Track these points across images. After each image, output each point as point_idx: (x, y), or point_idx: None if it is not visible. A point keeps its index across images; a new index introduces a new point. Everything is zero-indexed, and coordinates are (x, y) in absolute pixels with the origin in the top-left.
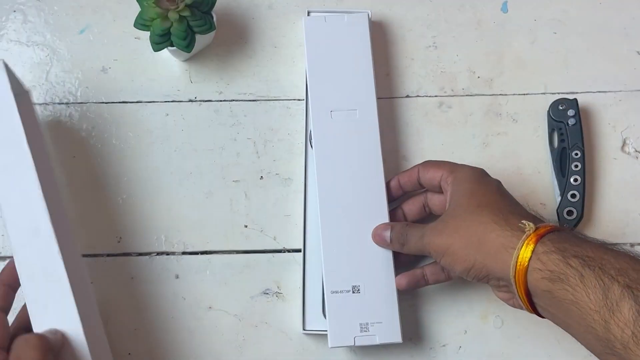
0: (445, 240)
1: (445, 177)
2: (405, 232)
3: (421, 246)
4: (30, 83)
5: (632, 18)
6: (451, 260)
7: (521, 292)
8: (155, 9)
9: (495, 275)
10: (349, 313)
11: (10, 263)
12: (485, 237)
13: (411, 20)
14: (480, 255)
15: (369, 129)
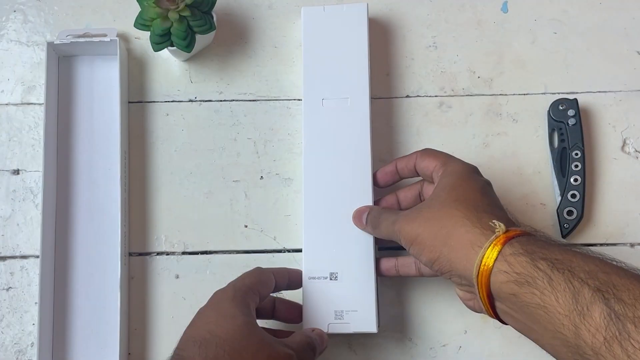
0: (415, 228)
1: (437, 168)
2: (379, 215)
3: (392, 231)
4: (30, 83)
5: (632, 18)
6: (418, 250)
7: (483, 294)
8: (155, 9)
9: (458, 272)
10: (325, 300)
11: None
12: (454, 231)
13: (411, 20)
14: (446, 249)
15: (360, 119)
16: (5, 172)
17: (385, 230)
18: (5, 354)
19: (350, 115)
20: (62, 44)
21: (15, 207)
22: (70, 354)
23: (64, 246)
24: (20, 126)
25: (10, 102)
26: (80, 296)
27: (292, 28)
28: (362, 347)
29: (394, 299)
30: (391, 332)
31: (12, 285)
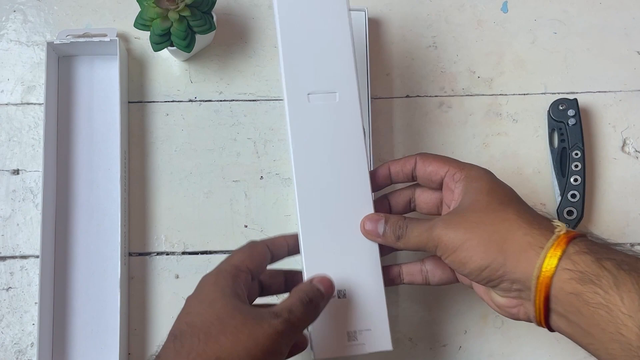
0: (462, 234)
1: (453, 173)
2: (405, 225)
3: (426, 240)
4: (30, 83)
5: (632, 18)
6: (465, 257)
7: (540, 296)
8: (155, 9)
9: (512, 276)
10: (336, 322)
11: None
12: (510, 234)
13: (411, 20)
14: (501, 254)
15: (351, 114)
16: (5, 172)
17: (415, 240)
18: (5, 354)
19: (339, 110)
20: (62, 44)
21: (15, 207)
22: (70, 354)
23: (63, 246)
24: (20, 126)
25: (10, 102)
26: (80, 296)
27: None
28: None
29: (394, 299)
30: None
31: (12, 285)
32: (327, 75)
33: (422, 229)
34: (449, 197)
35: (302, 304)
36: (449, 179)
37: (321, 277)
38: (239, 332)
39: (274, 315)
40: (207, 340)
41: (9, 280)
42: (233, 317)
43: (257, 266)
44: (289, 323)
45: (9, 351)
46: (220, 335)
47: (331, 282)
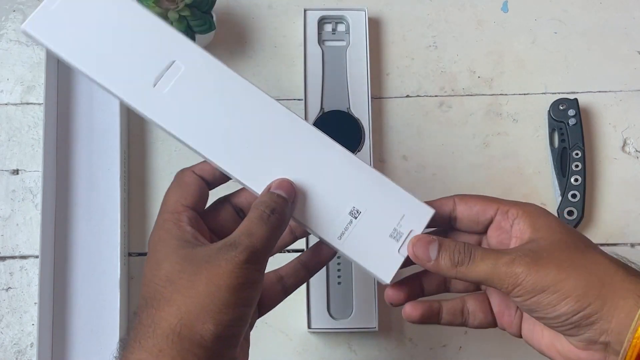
0: (555, 274)
1: (506, 210)
2: (469, 251)
3: (501, 274)
4: (30, 83)
5: (632, 18)
6: (554, 300)
7: (635, 350)
8: (155, 9)
9: (606, 326)
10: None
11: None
12: (608, 278)
13: (411, 19)
14: (599, 300)
15: (209, 69)
16: (4, 172)
17: (484, 272)
18: (4, 354)
19: (195, 75)
20: None
21: (14, 207)
22: (69, 354)
23: (63, 246)
24: (20, 126)
25: (10, 102)
26: (80, 296)
27: (292, 28)
28: (362, 347)
29: None
30: (391, 332)
31: (12, 286)
32: (150, 54)
33: (496, 261)
34: (500, 237)
35: (262, 221)
36: (502, 217)
37: (278, 181)
38: (194, 283)
39: (230, 247)
40: (163, 306)
41: (9, 281)
42: (183, 270)
43: (195, 199)
44: (252, 249)
45: (8, 351)
46: (175, 295)
47: (290, 182)
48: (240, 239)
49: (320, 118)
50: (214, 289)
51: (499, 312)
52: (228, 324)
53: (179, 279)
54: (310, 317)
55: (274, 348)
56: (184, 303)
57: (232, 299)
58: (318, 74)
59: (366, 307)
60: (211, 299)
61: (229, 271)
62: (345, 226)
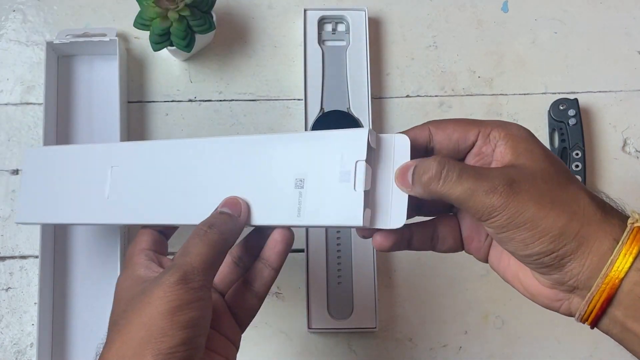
0: (534, 211)
1: (487, 132)
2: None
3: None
4: (29, 83)
5: (633, 18)
6: (529, 237)
7: (602, 297)
8: (155, 9)
9: (575, 270)
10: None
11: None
12: (587, 220)
13: (411, 19)
14: (575, 242)
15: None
16: (4, 172)
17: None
18: (4, 354)
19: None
20: (62, 44)
21: (14, 207)
22: (69, 355)
23: (63, 246)
24: (20, 126)
25: (10, 102)
26: (80, 296)
27: (292, 28)
28: (362, 347)
29: (394, 299)
30: (391, 332)
31: (12, 286)
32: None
33: (476, 185)
34: (482, 161)
35: (198, 238)
36: (483, 141)
37: (224, 201)
38: (130, 319)
39: (164, 272)
40: (106, 352)
41: (9, 281)
42: (126, 309)
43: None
44: (184, 268)
45: (8, 351)
46: (115, 336)
47: (235, 198)
48: (175, 260)
49: (320, 118)
50: (147, 319)
51: (468, 237)
52: (169, 351)
53: (121, 319)
54: (310, 317)
55: (274, 348)
56: (122, 342)
57: (167, 325)
58: (318, 74)
59: (366, 307)
60: (146, 330)
61: (159, 297)
62: (298, 200)
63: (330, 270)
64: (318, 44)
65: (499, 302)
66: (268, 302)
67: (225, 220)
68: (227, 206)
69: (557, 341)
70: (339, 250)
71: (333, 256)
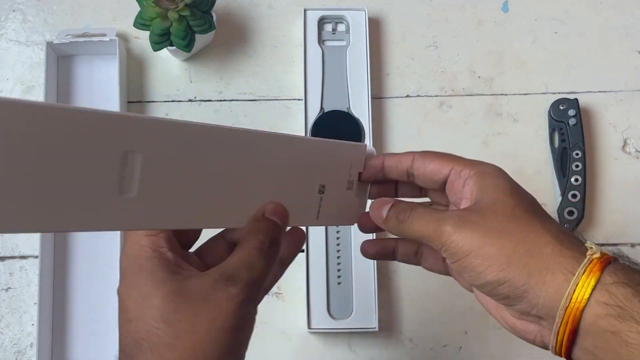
0: (478, 238)
1: (459, 170)
2: (409, 208)
3: (431, 233)
4: (29, 83)
5: (633, 18)
6: (478, 265)
7: (566, 329)
8: (155, 9)
9: (535, 300)
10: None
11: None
12: (537, 250)
13: (412, 19)
14: (525, 271)
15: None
16: None
17: (419, 229)
18: (4, 354)
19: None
20: (62, 44)
21: None
22: (69, 355)
23: (63, 246)
24: None
25: None
26: (80, 296)
27: (291, 28)
28: (362, 347)
29: (394, 299)
30: (391, 332)
31: (12, 286)
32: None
33: (430, 219)
34: (455, 197)
35: (262, 253)
36: (455, 177)
37: (272, 206)
38: (195, 327)
39: (228, 282)
40: (164, 353)
41: (9, 281)
42: (179, 309)
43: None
44: (252, 284)
45: (8, 351)
46: (176, 341)
47: (283, 208)
48: (239, 272)
49: (320, 118)
50: (217, 334)
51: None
52: None
53: (177, 321)
54: (310, 317)
55: (274, 348)
56: (186, 349)
57: (232, 341)
58: (318, 74)
59: (366, 307)
60: (215, 345)
61: (231, 312)
62: (319, 204)
63: (330, 270)
64: (318, 44)
65: None
66: (268, 302)
67: (278, 233)
68: (277, 216)
69: None
70: (339, 250)
71: (333, 256)
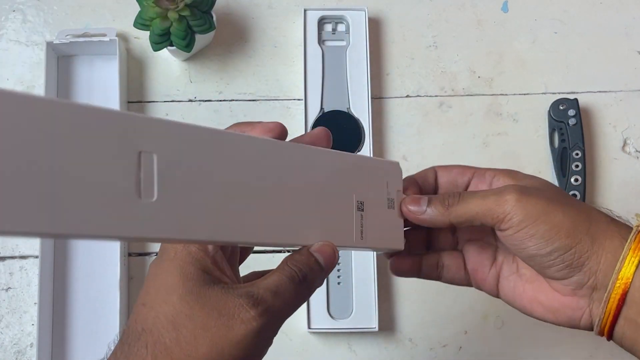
0: (544, 205)
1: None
2: (457, 194)
3: (492, 206)
4: (29, 83)
5: (632, 18)
6: (548, 231)
7: (617, 295)
8: (155, 9)
9: (593, 267)
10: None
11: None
12: (596, 218)
13: (411, 19)
14: (589, 237)
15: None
16: None
17: (476, 206)
18: (4, 354)
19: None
20: (62, 44)
21: None
22: (69, 355)
23: (63, 246)
24: None
25: None
26: (80, 296)
27: (292, 28)
28: (362, 347)
29: (394, 299)
30: (391, 332)
31: (12, 286)
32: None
33: (485, 195)
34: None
35: (292, 283)
36: (478, 179)
37: (321, 245)
38: (197, 339)
39: (251, 304)
40: (158, 353)
41: (9, 281)
42: (191, 315)
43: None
44: (273, 312)
45: (8, 352)
46: (175, 347)
47: (334, 249)
48: (264, 296)
49: (320, 118)
50: (216, 356)
51: (472, 270)
52: None
53: (184, 328)
54: (310, 317)
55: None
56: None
57: None
58: (318, 74)
59: (366, 307)
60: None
61: (240, 337)
62: (361, 223)
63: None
64: (318, 44)
65: (499, 302)
66: None
67: (317, 274)
68: (324, 256)
69: (557, 341)
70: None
71: None
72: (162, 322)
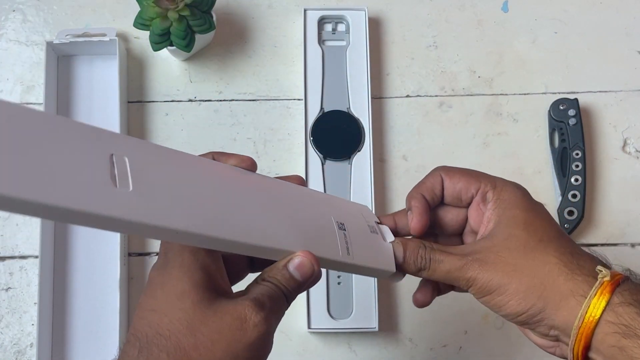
0: (499, 278)
1: (485, 191)
2: (428, 257)
3: (456, 277)
4: (29, 83)
5: (633, 18)
6: (501, 301)
7: (579, 345)
8: (155, 9)
9: (551, 323)
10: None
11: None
12: (551, 281)
13: (411, 19)
14: (541, 301)
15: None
16: None
17: (444, 276)
18: (4, 354)
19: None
20: (62, 44)
21: None
22: (69, 355)
23: (63, 246)
24: None
25: None
26: (80, 296)
27: (292, 27)
28: (362, 347)
29: (394, 299)
30: (391, 332)
31: (12, 286)
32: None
33: (453, 266)
34: (477, 219)
35: (279, 289)
36: (480, 199)
37: (298, 260)
38: (214, 345)
39: (258, 308)
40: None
41: (9, 281)
42: (206, 321)
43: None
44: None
45: (8, 352)
46: (193, 352)
47: (311, 264)
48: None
49: (320, 118)
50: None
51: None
52: None
53: (200, 333)
54: (310, 317)
55: (274, 348)
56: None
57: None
58: (318, 74)
59: (366, 307)
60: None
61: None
62: (345, 241)
63: (330, 270)
64: (318, 44)
65: None
66: None
67: (295, 289)
68: (299, 270)
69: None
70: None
71: None
72: (178, 327)
